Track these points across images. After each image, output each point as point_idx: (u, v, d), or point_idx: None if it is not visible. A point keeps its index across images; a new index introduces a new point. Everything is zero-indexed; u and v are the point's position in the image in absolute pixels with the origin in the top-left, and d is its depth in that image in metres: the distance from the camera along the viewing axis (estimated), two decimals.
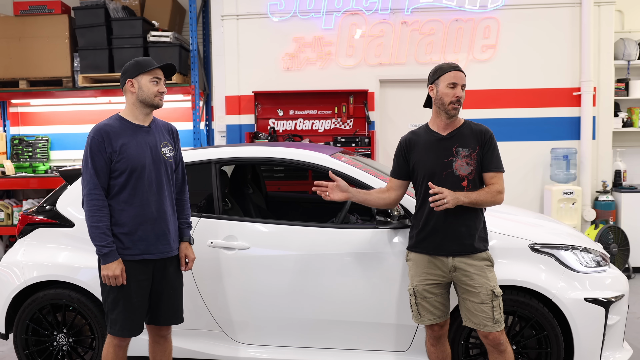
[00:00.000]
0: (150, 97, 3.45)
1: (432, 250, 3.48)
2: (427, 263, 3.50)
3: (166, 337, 3.69)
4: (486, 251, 3.48)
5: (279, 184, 7.33)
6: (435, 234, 3.46)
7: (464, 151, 3.44)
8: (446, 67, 3.50)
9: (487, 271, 3.41)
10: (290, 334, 4.12)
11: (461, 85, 3.45)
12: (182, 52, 8.24)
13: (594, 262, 3.92)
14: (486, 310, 3.34)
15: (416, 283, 3.53)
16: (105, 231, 3.33)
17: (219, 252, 4.12)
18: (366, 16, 7.94)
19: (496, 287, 3.39)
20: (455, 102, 3.43)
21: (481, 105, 7.90)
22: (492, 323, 3.33)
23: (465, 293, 3.42)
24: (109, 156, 3.35)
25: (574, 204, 7.38)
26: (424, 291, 3.50)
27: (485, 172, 3.48)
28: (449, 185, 3.39)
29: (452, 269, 3.44)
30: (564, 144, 7.80)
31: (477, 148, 3.45)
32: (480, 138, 3.47)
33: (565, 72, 7.80)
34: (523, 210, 5.02)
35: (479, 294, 3.35)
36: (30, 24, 8.39)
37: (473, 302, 3.38)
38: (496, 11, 7.79)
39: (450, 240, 3.43)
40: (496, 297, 3.36)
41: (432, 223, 3.46)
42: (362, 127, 7.91)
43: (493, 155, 3.49)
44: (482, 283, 3.36)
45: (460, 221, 3.41)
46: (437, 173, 3.44)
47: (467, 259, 3.41)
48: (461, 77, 3.46)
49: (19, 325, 4.33)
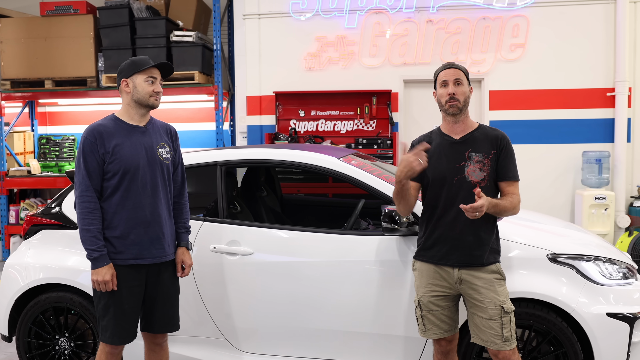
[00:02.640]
0: (145, 97, 3.34)
1: (438, 260, 3.27)
2: (433, 273, 3.30)
3: (162, 344, 3.57)
4: (496, 264, 3.25)
5: (299, 187, 7.19)
6: (442, 243, 3.26)
7: (477, 156, 3.23)
8: (438, 69, 3.35)
9: (496, 285, 3.19)
10: (296, 343, 3.97)
11: (453, 82, 3.25)
12: (206, 52, 8.18)
13: (619, 273, 3.67)
14: (494, 327, 3.12)
15: (421, 294, 3.34)
16: (96, 234, 3.22)
17: (222, 258, 3.99)
18: (390, 15, 7.76)
19: (506, 303, 3.16)
20: (450, 99, 3.23)
21: (510, 106, 7.67)
22: (501, 341, 3.12)
23: (473, 307, 3.22)
24: (102, 157, 3.25)
25: (606, 209, 7.09)
26: (430, 303, 3.30)
27: (501, 181, 3.26)
28: (461, 191, 3.20)
29: (458, 281, 3.23)
30: (597, 147, 7.51)
31: (492, 153, 3.23)
32: (495, 143, 3.25)
33: (599, 72, 7.52)
34: (551, 219, 4.76)
35: (487, 309, 3.14)
36: (56, 24, 8.43)
37: (481, 317, 3.17)
38: (525, 9, 7.54)
39: (457, 251, 3.22)
40: (506, 313, 3.13)
41: (438, 231, 3.26)
42: (385, 128, 7.73)
43: (510, 163, 3.27)
44: (490, 298, 3.15)
45: (470, 230, 3.20)
46: (448, 178, 3.24)
47: (475, 272, 3.20)
48: (451, 73, 3.27)
49: (21, 328, 4.28)
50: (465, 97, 3.26)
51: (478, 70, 7.68)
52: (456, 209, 3.17)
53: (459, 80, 3.26)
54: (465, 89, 3.28)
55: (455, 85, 3.25)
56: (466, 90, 3.28)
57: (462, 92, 3.25)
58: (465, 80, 3.30)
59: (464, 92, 3.26)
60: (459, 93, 3.24)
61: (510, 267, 3.56)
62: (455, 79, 3.25)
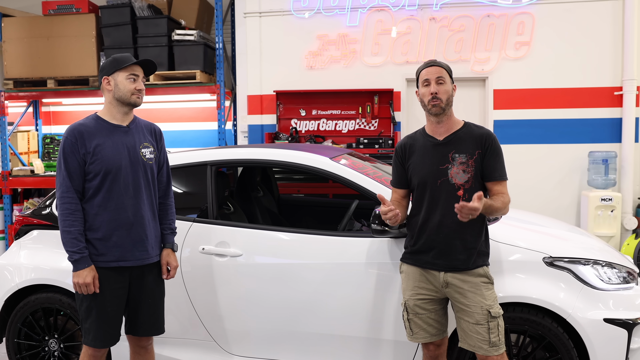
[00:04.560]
0: (126, 95, 3.26)
1: (424, 263, 3.19)
2: (419, 276, 3.22)
3: (147, 347, 3.51)
4: (484, 267, 3.15)
5: (299, 187, 7.10)
6: (428, 246, 3.17)
7: (461, 157, 3.13)
8: (420, 67, 3.26)
9: (483, 289, 3.09)
10: (286, 347, 3.89)
11: (435, 80, 3.15)
12: (208, 51, 8.11)
13: (618, 278, 3.55)
14: (481, 331, 3.03)
15: (407, 297, 3.26)
16: (77, 236, 3.16)
17: (212, 259, 3.92)
18: (393, 12, 7.66)
19: (493, 307, 3.06)
20: (432, 99, 3.13)
21: (514, 105, 7.54)
22: (488, 346, 3.02)
23: (459, 312, 3.13)
24: (83, 157, 3.19)
25: (612, 211, 6.95)
26: (416, 307, 3.22)
27: (488, 181, 3.16)
28: (444, 194, 3.10)
29: (444, 284, 3.14)
30: (603, 147, 7.36)
31: (476, 154, 3.13)
32: (480, 143, 3.14)
33: (606, 71, 7.37)
34: (554, 221, 4.63)
35: (473, 313, 3.05)
36: (58, 23, 8.38)
37: (468, 322, 3.08)
38: (531, 6, 7.41)
39: (442, 255, 3.14)
40: (493, 318, 3.04)
41: (424, 234, 3.18)
42: (387, 128, 7.64)
43: (497, 162, 3.15)
44: (476, 302, 3.05)
45: (456, 234, 3.11)
46: (432, 181, 3.15)
47: (461, 275, 3.11)
48: (433, 71, 3.17)
49: (11, 329, 4.27)
50: (448, 96, 3.16)
51: (482, 68, 7.55)
52: (441, 213, 3.09)
53: (442, 79, 3.16)
54: (448, 87, 3.17)
55: (438, 84, 3.15)
56: (449, 89, 3.18)
57: (445, 91, 3.15)
58: (448, 78, 3.20)
59: (446, 91, 3.16)
60: (442, 92, 3.14)
61: (506, 270, 3.47)
62: (438, 77, 3.15)
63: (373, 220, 3.49)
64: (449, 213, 3.08)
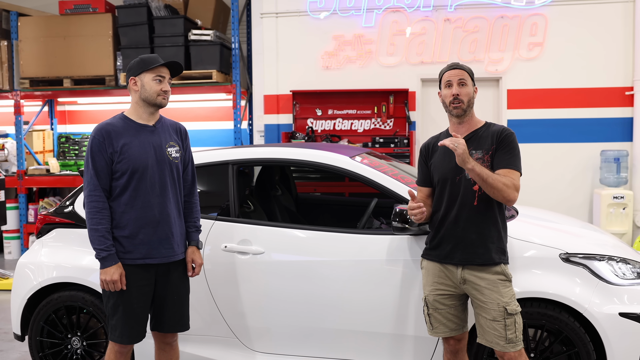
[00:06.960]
0: (152, 95, 3.32)
1: (443, 258, 3.26)
2: (438, 272, 3.29)
3: (172, 344, 3.56)
4: (502, 265, 3.20)
5: (315, 185, 7.17)
6: (446, 241, 3.24)
7: (477, 154, 3.19)
8: (442, 70, 3.31)
9: (500, 286, 3.14)
10: (308, 343, 3.94)
11: (458, 82, 3.21)
12: (224, 51, 8.19)
13: (632, 273, 3.61)
14: (498, 328, 3.09)
15: (427, 292, 3.33)
16: (105, 234, 3.22)
17: (234, 257, 3.97)
18: (408, 13, 7.73)
19: (510, 304, 3.11)
20: (454, 100, 3.20)
21: (527, 105, 7.60)
22: (505, 342, 3.08)
23: (477, 308, 3.19)
24: (110, 156, 3.24)
25: (624, 208, 7.00)
26: (435, 302, 3.29)
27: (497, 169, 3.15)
28: (462, 190, 3.18)
29: (461, 281, 3.21)
30: (615, 146, 7.43)
31: (492, 149, 3.20)
32: (495, 138, 3.21)
33: (618, 71, 7.43)
34: (567, 218, 4.70)
35: (490, 310, 3.11)
36: (74, 22, 8.48)
37: (485, 318, 3.14)
38: (544, 7, 7.46)
39: (460, 249, 3.20)
40: (510, 315, 3.09)
41: (443, 230, 3.25)
42: (402, 127, 7.69)
43: (508, 154, 3.16)
44: (493, 299, 3.11)
45: (473, 228, 3.17)
46: (451, 178, 3.23)
47: (478, 272, 3.17)
48: (455, 73, 3.24)
49: (33, 327, 4.26)
50: (469, 97, 3.23)
51: (496, 69, 7.60)
52: (458, 207, 3.18)
53: (463, 81, 3.22)
54: (469, 89, 3.24)
55: (460, 86, 3.21)
56: (470, 91, 3.25)
57: (466, 93, 3.22)
58: (470, 80, 3.26)
59: (468, 93, 3.22)
60: (463, 94, 3.21)
61: (524, 266, 3.52)
62: (460, 80, 3.22)
63: (394, 218, 3.56)
64: (466, 207, 3.17)
